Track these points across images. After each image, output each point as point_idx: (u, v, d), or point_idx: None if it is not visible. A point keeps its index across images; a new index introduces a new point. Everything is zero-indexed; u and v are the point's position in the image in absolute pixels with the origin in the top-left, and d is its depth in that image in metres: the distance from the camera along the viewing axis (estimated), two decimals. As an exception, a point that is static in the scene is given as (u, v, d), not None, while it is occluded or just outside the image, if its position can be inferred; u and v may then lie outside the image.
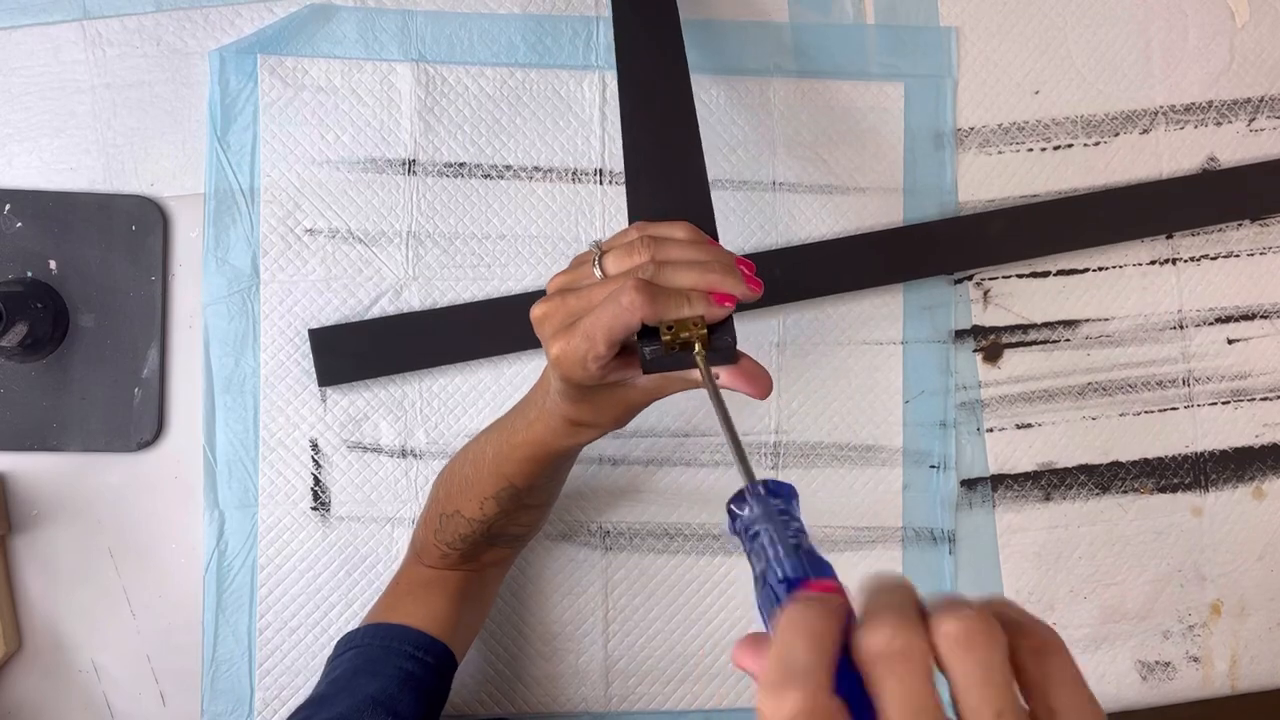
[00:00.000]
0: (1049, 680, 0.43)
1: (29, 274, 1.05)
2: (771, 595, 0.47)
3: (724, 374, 0.73)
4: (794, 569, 0.47)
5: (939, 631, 0.41)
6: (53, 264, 1.06)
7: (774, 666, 0.40)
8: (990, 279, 1.17)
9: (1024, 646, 0.43)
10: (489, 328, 1.09)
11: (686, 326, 0.67)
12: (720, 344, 0.70)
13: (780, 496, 0.53)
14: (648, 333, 0.68)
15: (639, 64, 0.91)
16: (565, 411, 0.77)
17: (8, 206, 1.06)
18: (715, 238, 0.76)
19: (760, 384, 0.74)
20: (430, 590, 0.95)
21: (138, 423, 1.07)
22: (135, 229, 1.07)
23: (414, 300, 1.09)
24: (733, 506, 0.54)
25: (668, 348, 0.68)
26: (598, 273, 0.71)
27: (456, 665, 0.94)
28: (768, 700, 0.40)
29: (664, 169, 0.83)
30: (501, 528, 0.92)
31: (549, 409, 0.78)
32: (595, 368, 0.69)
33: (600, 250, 0.72)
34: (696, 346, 0.68)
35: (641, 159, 0.83)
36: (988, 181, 1.17)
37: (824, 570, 0.47)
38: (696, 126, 0.84)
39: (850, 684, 0.41)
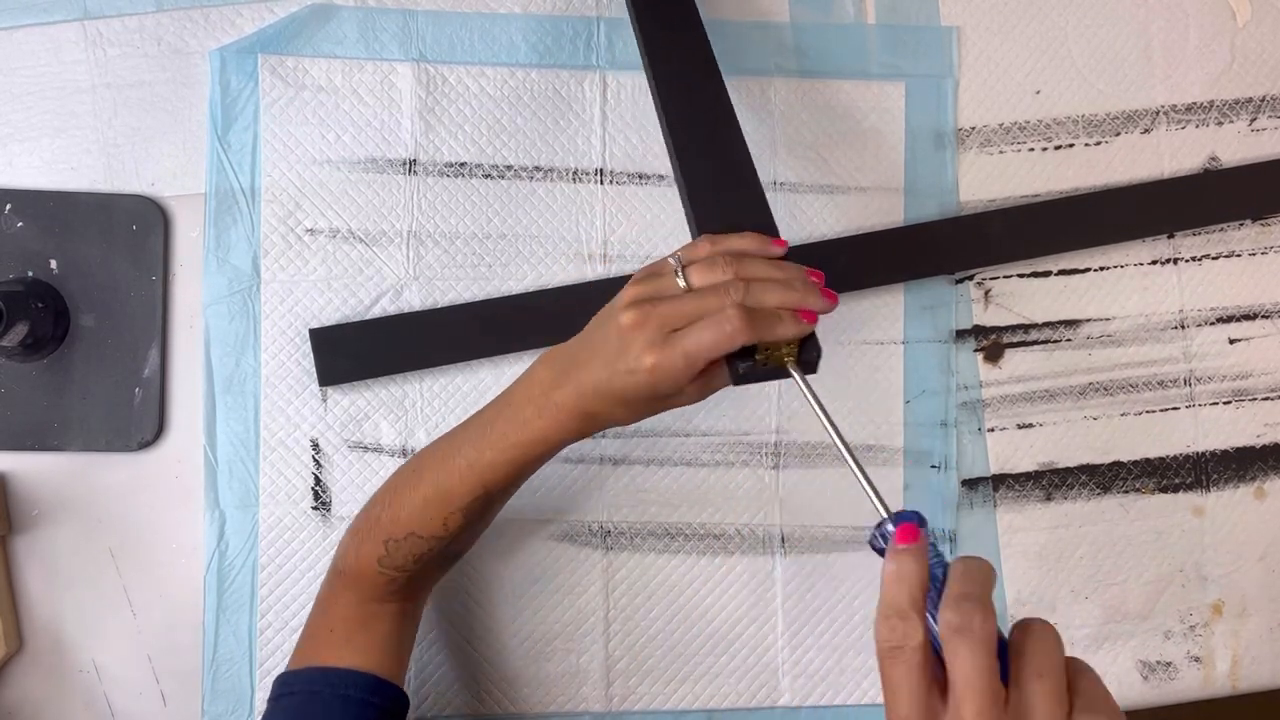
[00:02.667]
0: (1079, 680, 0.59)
1: (30, 273, 1.05)
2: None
3: None
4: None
5: (1017, 627, 0.60)
6: (53, 263, 1.06)
7: (888, 599, 0.59)
8: (991, 279, 1.17)
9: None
10: (490, 327, 1.09)
11: (778, 344, 0.73)
12: (808, 358, 0.76)
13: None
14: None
15: (671, 69, 0.94)
16: (592, 407, 0.78)
17: (9, 206, 1.06)
18: (777, 235, 0.82)
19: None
20: (370, 627, 0.91)
21: (138, 422, 1.06)
22: (136, 229, 1.06)
23: (415, 300, 1.09)
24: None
25: (760, 365, 0.74)
26: (682, 283, 0.76)
27: (408, 704, 0.92)
28: (883, 626, 0.59)
29: (718, 174, 0.86)
30: (462, 543, 0.92)
31: (560, 404, 0.79)
32: (685, 381, 0.74)
33: (681, 263, 0.77)
34: (789, 363, 0.75)
35: (694, 166, 0.86)
36: (989, 181, 1.17)
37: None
38: (739, 125, 0.88)
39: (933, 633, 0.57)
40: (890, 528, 0.64)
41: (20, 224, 1.06)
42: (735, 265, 0.75)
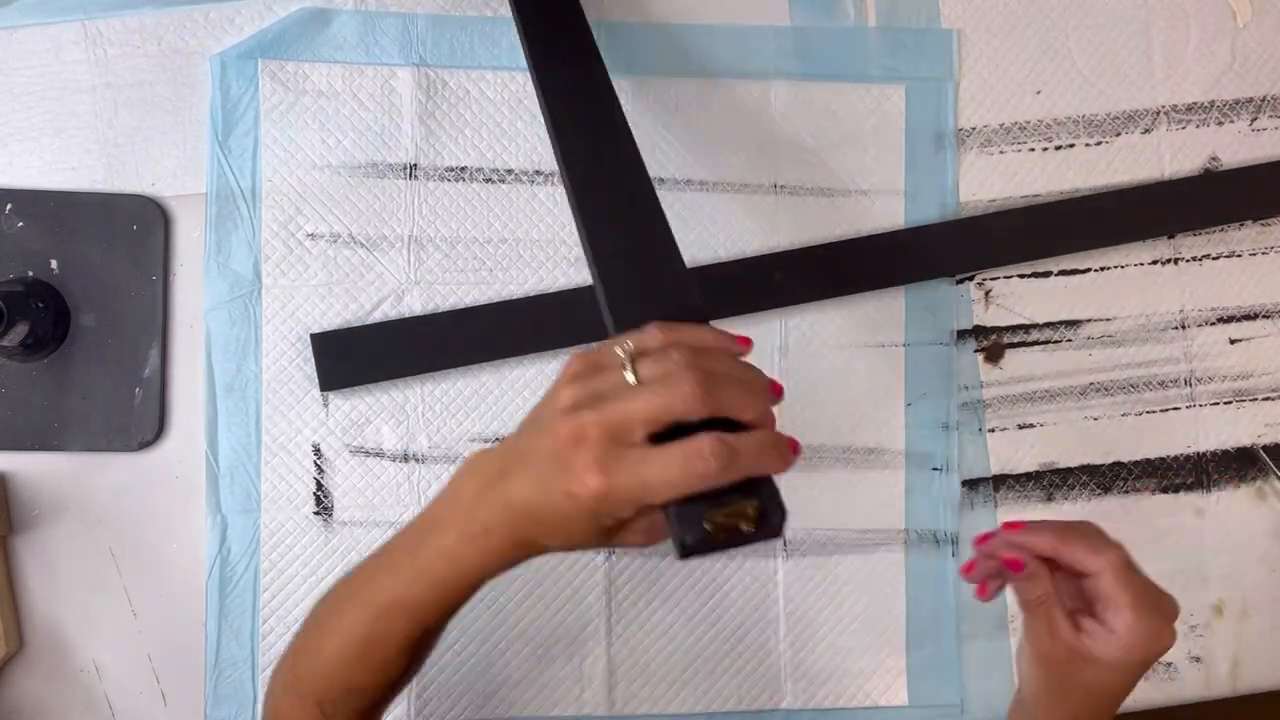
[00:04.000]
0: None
1: (30, 273, 1.05)
2: None
3: None
4: None
5: None
6: (54, 263, 1.06)
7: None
8: (992, 279, 1.17)
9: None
10: (491, 332, 1.08)
11: (736, 509, 0.58)
12: (774, 520, 0.60)
13: None
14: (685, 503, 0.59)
15: (565, 100, 0.88)
16: (527, 533, 0.65)
17: (9, 206, 1.05)
18: (692, 289, 0.72)
19: None
20: None
21: (139, 422, 1.06)
22: (136, 228, 1.06)
23: (416, 304, 1.09)
24: None
25: (714, 535, 0.59)
26: (630, 378, 0.62)
27: None
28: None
29: (619, 209, 0.79)
30: (409, 678, 0.76)
31: (488, 527, 0.65)
32: (635, 515, 0.61)
33: (629, 354, 0.63)
34: (745, 528, 0.59)
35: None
36: (989, 181, 1.17)
37: None
38: (636, 149, 0.83)
39: None
40: None
41: (21, 224, 1.05)
42: (696, 358, 0.62)
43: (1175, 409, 1.19)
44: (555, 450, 0.60)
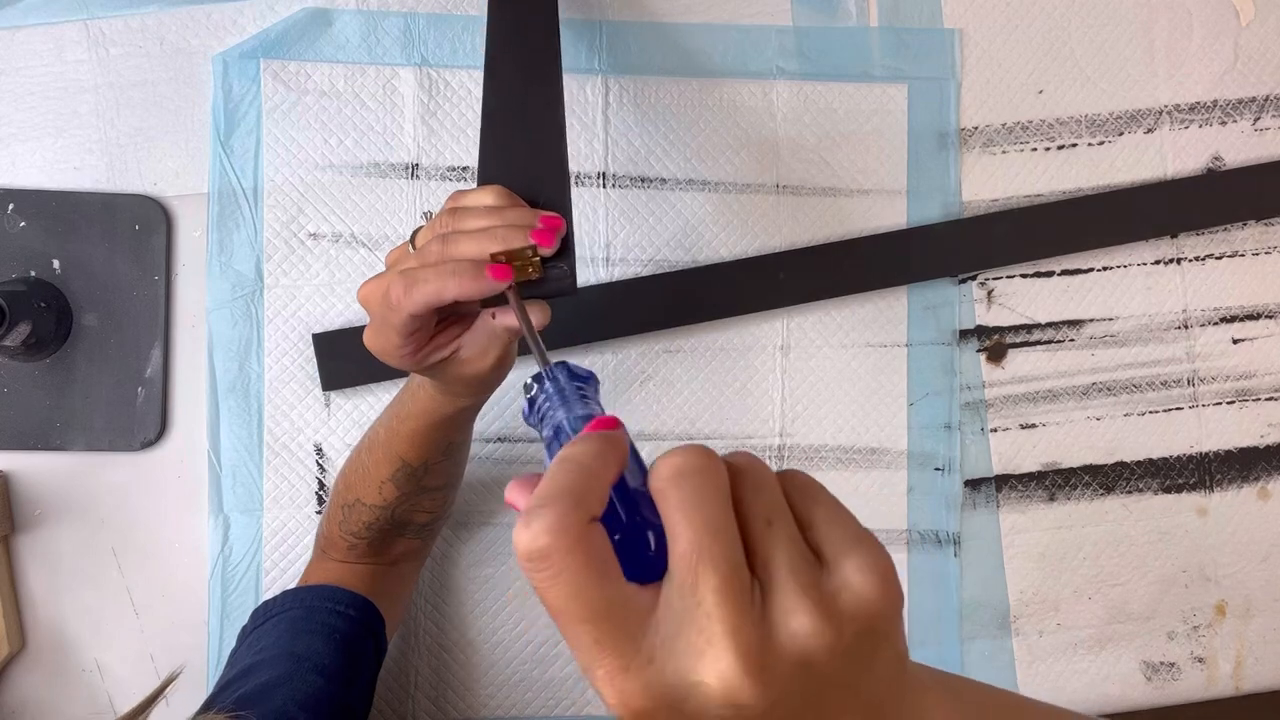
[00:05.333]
0: (804, 499, 0.44)
1: (32, 273, 1.05)
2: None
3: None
4: (581, 422, 0.48)
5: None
6: (56, 263, 1.06)
7: (533, 498, 0.41)
8: (994, 279, 1.16)
9: (781, 480, 0.45)
10: (492, 330, 1.08)
11: (519, 260, 0.67)
12: (555, 273, 0.69)
13: (580, 379, 0.54)
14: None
15: (509, 18, 0.88)
16: (428, 379, 0.78)
17: (11, 206, 1.06)
18: (565, 200, 0.74)
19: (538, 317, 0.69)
20: (344, 580, 0.94)
21: (141, 422, 1.07)
22: (139, 228, 1.06)
23: (417, 303, 1.09)
24: (529, 392, 0.55)
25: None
26: (410, 248, 0.71)
27: (383, 621, 0.94)
28: (518, 530, 0.40)
29: (520, 127, 0.80)
30: (405, 514, 0.92)
31: (422, 377, 0.79)
32: (402, 356, 0.71)
33: (417, 227, 0.73)
34: (509, 284, 0.67)
35: (497, 120, 0.80)
36: (991, 181, 1.17)
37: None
38: (560, 85, 0.81)
39: (638, 525, 0.42)
40: (548, 386, 0.54)
41: (23, 224, 1.05)
42: (450, 219, 0.70)
43: (1178, 409, 1.19)
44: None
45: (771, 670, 0.38)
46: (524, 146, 0.78)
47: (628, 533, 0.42)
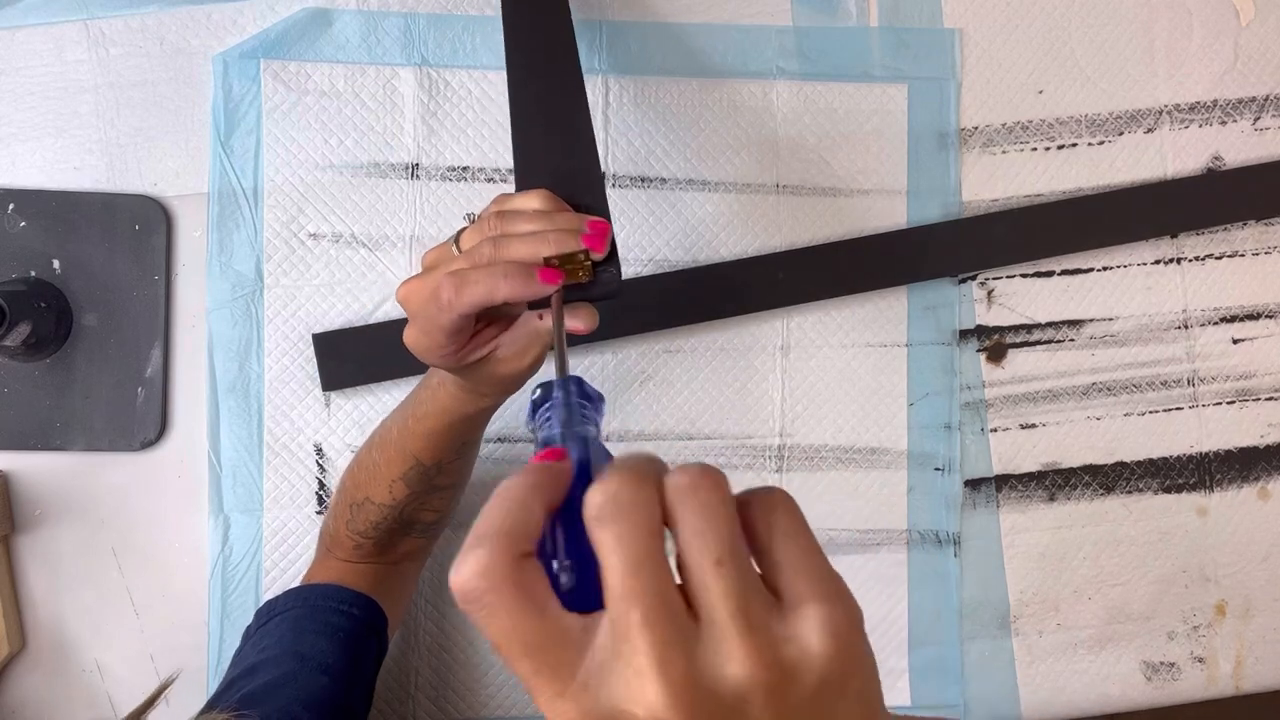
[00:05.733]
0: (773, 533, 0.42)
1: (32, 273, 1.05)
2: None
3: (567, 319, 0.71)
4: (547, 441, 0.48)
5: (667, 488, 0.42)
6: (56, 263, 1.06)
7: (469, 537, 0.41)
8: (994, 279, 1.16)
9: (753, 504, 0.43)
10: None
11: (569, 264, 0.67)
12: (605, 276, 0.70)
13: (587, 398, 0.54)
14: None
15: (526, 23, 0.88)
16: (452, 377, 0.78)
17: (11, 206, 1.06)
18: (604, 204, 0.75)
19: (587, 320, 0.71)
20: (347, 579, 0.94)
21: (141, 422, 1.07)
22: (139, 228, 1.06)
23: (417, 303, 1.09)
24: (535, 397, 0.55)
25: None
26: (454, 250, 0.71)
27: (386, 620, 0.94)
28: (451, 572, 0.40)
29: (551, 132, 0.81)
30: (413, 513, 0.92)
31: (445, 374, 0.80)
32: (443, 355, 0.71)
33: (458, 230, 0.73)
34: (583, 277, 0.68)
35: (528, 125, 0.81)
36: (992, 181, 1.17)
37: (585, 446, 0.48)
38: (582, 83, 0.82)
39: (582, 551, 0.41)
40: (556, 395, 0.54)
41: (23, 224, 1.05)
42: (499, 222, 0.69)
43: (1178, 409, 1.19)
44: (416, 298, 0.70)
45: (702, 709, 0.38)
46: (557, 150, 0.79)
47: (566, 558, 0.43)
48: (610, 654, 0.39)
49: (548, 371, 0.71)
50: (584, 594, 0.41)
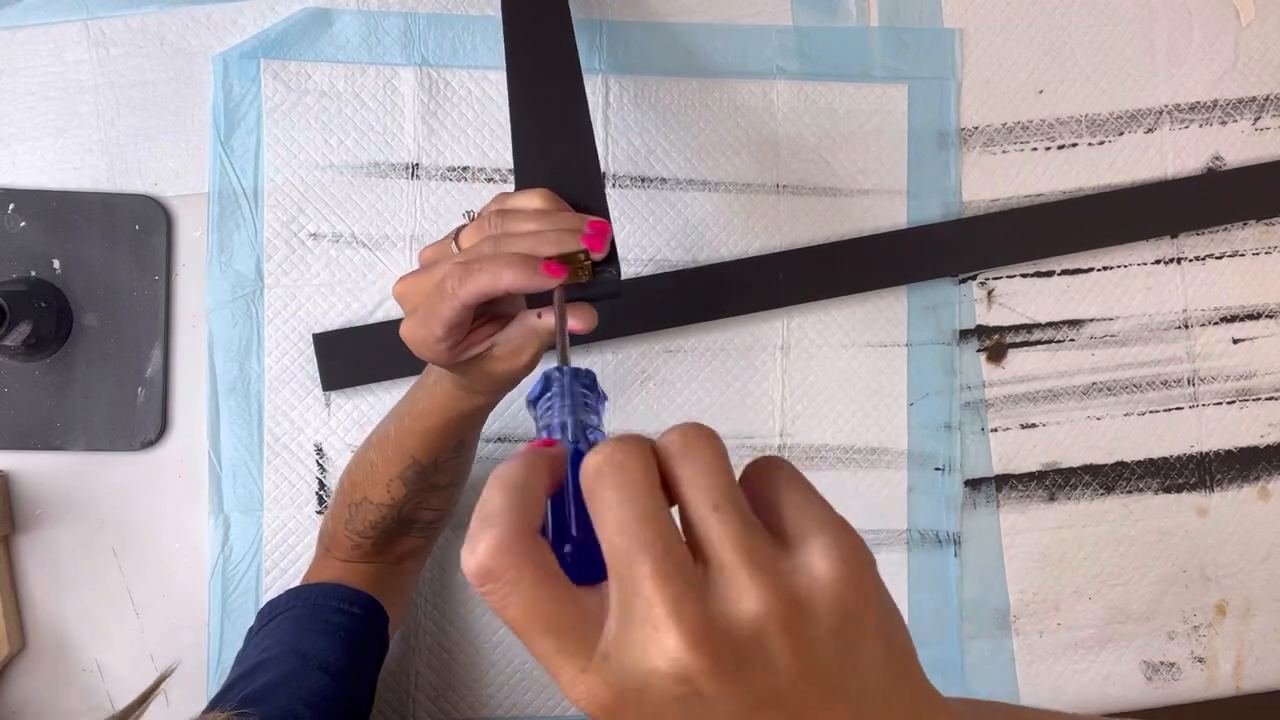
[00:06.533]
0: (774, 484, 0.43)
1: (33, 273, 1.05)
2: None
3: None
4: (547, 431, 0.48)
5: (660, 448, 0.42)
6: (56, 263, 1.06)
7: (474, 521, 0.41)
8: (994, 279, 1.16)
9: (752, 468, 0.44)
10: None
11: (574, 264, 0.67)
12: (605, 276, 0.69)
13: (586, 386, 0.53)
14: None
15: (526, 24, 0.88)
16: (448, 375, 0.78)
17: (11, 206, 1.06)
18: (604, 205, 0.75)
19: (586, 320, 0.70)
20: (345, 578, 0.95)
21: (141, 422, 1.07)
22: (139, 228, 1.06)
23: (417, 303, 1.09)
24: (540, 386, 0.54)
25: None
26: (454, 248, 0.71)
27: (387, 619, 0.94)
28: (464, 554, 0.40)
29: (551, 131, 0.81)
30: (412, 511, 0.92)
31: (441, 372, 0.80)
32: (440, 350, 0.71)
33: (457, 227, 0.73)
34: (583, 277, 0.68)
35: (528, 124, 0.81)
36: (992, 181, 1.17)
37: (588, 437, 0.47)
38: (582, 85, 0.82)
39: (583, 530, 0.42)
40: (558, 386, 0.53)
41: (23, 224, 1.05)
42: (500, 221, 0.70)
43: (1178, 409, 1.19)
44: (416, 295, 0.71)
45: (723, 650, 0.38)
46: (557, 149, 0.78)
47: (568, 540, 0.43)
48: (624, 616, 0.39)
49: (539, 365, 0.71)
50: (588, 570, 0.42)
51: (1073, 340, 1.18)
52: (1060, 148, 1.18)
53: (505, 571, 0.39)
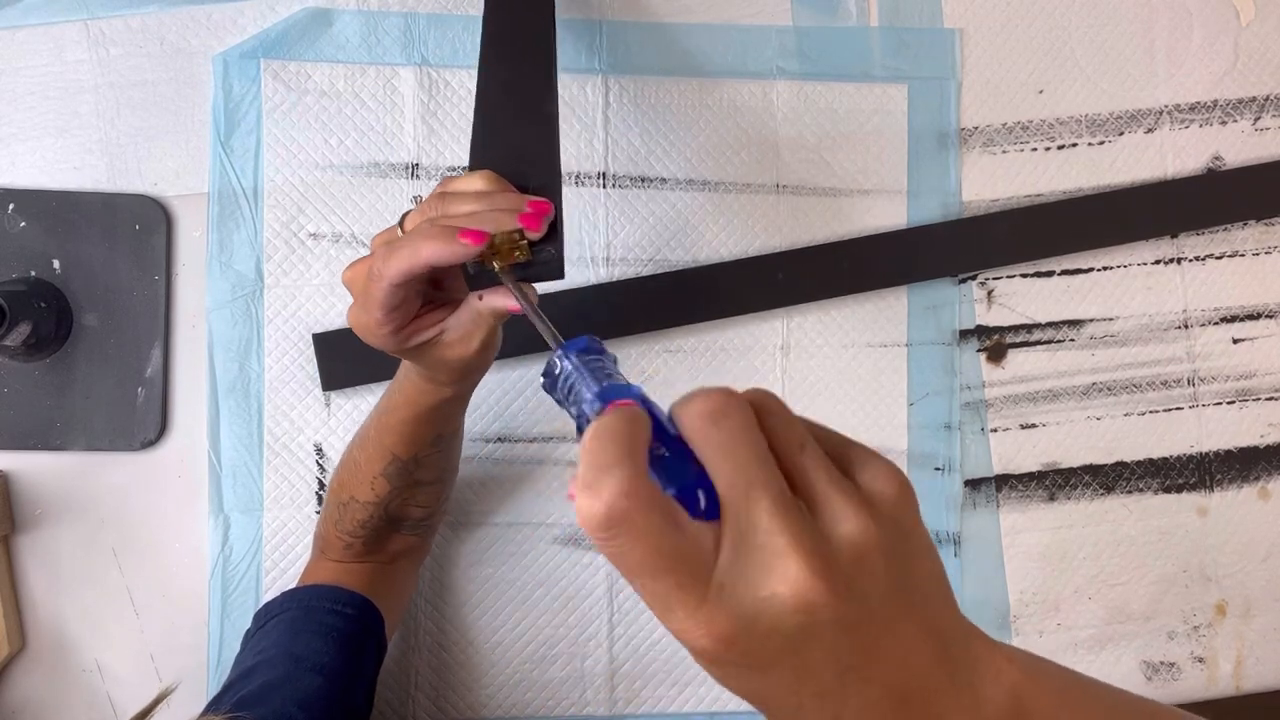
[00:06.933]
0: (807, 427, 0.47)
1: (33, 273, 1.05)
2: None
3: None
4: (603, 396, 0.49)
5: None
6: (56, 263, 1.06)
7: (585, 470, 0.42)
8: (994, 279, 1.16)
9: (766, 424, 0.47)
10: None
11: (507, 243, 0.68)
12: (542, 255, 0.70)
13: (592, 352, 0.53)
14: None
15: (507, 5, 0.88)
16: (402, 355, 0.78)
17: (12, 206, 1.06)
18: (557, 186, 0.75)
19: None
20: (340, 578, 0.95)
21: (141, 422, 1.07)
22: (139, 228, 1.06)
23: (417, 303, 1.09)
24: (548, 373, 0.54)
25: (485, 262, 0.68)
26: (399, 232, 0.71)
27: (383, 619, 0.94)
28: (584, 499, 0.41)
29: (514, 113, 0.80)
30: (399, 509, 0.92)
31: (409, 365, 0.82)
32: (384, 334, 0.71)
33: (405, 211, 0.73)
34: (497, 264, 0.68)
35: (492, 105, 0.80)
36: (992, 181, 1.17)
37: (631, 393, 0.48)
38: (554, 73, 0.82)
39: (682, 478, 0.44)
40: (567, 365, 0.52)
41: (23, 224, 1.05)
42: (439, 203, 0.70)
43: (1178, 409, 1.19)
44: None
45: (836, 573, 0.41)
46: (516, 132, 0.78)
47: (675, 481, 0.44)
48: (742, 547, 0.42)
49: (537, 364, 0.71)
50: (692, 508, 0.43)
51: (1073, 340, 1.18)
52: (1060, 148, 1.18)
53: (634, 514, 0.41)
